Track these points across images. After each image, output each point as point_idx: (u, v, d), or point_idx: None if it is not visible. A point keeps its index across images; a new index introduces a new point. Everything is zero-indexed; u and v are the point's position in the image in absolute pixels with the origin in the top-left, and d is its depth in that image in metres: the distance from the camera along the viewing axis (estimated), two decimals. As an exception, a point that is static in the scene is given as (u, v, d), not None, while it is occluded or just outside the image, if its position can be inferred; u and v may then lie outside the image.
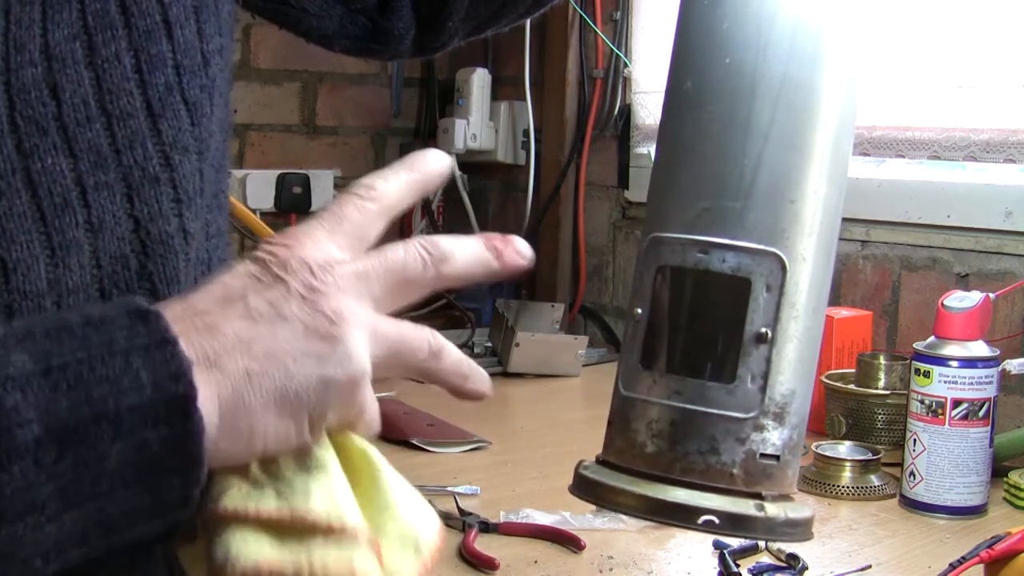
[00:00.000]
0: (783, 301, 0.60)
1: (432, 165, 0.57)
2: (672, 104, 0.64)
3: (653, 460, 0.61)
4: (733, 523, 0.60)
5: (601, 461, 0.64)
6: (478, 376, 0.56)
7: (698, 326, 0.63)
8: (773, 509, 0.60)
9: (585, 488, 0.64)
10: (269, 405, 0.48)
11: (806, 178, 0.61)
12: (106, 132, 0.55)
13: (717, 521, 0.60)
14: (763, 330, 0.60)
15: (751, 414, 0.60)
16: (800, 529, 0.62)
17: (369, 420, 0.52)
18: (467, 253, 0.54)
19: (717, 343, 0.61)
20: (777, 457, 0.61)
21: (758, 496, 0.60)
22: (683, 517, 0.60)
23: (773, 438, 0.61)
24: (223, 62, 0.63)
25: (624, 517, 1.01)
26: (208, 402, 0.47)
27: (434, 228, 2.22)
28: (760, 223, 0.60)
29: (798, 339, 0.61)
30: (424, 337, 0.53)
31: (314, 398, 0.49)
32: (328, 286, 0.50)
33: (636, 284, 0.64)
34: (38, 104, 0.54)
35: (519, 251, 0.55)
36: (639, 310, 0.63)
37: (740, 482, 0.60)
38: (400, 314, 0.54)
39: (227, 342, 0.48)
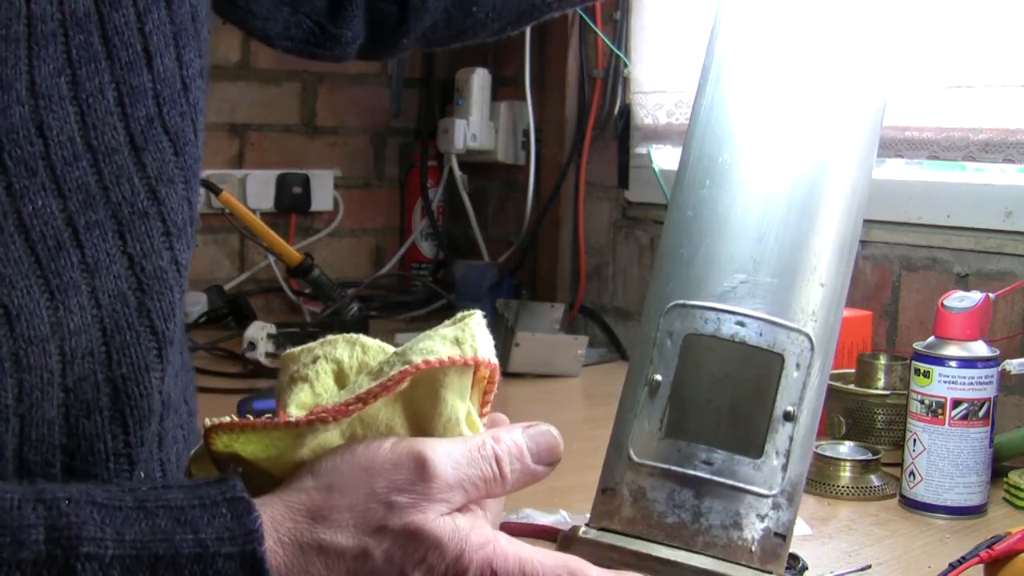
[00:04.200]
0: (808, 381, 0.61)
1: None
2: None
3: (674, 531, 0.60)
4: None
5: (602, 529, 0.61)
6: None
7: (730, 398, 0.62)
8: None
9: (595, 551, 0.60)
10: None
11: (833, 263, 0.63)
12: (92, 169, 0.54)
13: None
14: (790, 408, 0.60)
15: (773, 491, 0.60)
16: None
17: None
18: None
19: (749, 417, 0.61)
20: (784, 536, 0.61)
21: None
22: None
23: (784, 517, 0.61)
24: (204, 83, 0.62)
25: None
26: None
27: (434, 228, 2.22)
28: (795, 302, 0.61)
29: (810, 420, 0.61)
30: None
31: None
32: None
33: (651, 349, 0.62)
34: (26, 144, 0.52)
35: None
36: (659, 376, 0.62)
37: (757, 560, 0.60)
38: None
39: None
